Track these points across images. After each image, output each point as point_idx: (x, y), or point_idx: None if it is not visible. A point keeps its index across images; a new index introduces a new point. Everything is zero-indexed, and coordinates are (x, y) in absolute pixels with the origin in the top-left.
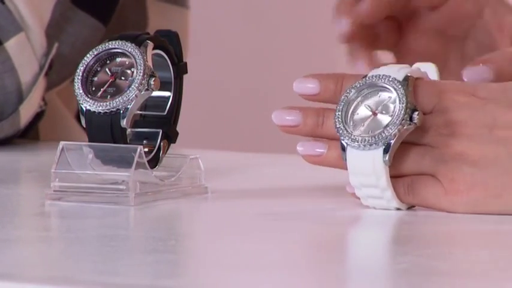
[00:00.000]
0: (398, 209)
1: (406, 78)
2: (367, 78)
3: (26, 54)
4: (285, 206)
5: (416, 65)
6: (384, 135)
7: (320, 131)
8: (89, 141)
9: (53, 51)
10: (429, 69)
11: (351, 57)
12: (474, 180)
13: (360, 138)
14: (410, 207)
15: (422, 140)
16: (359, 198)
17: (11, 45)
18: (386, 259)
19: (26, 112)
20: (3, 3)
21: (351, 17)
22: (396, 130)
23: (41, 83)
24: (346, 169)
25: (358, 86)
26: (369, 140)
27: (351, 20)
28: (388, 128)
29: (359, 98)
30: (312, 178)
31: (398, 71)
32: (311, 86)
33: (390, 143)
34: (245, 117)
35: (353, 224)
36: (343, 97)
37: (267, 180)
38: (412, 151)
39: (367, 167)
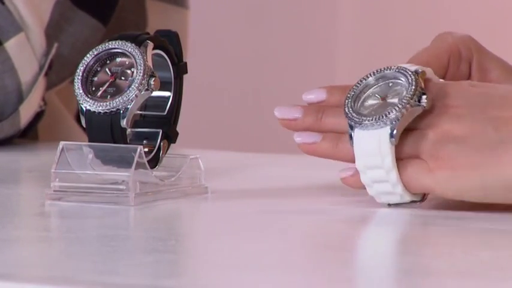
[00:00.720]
0: (401, 203)
1: (417, 71)
2: (380, 69)
3: (26, 54)
4: (285, 206)
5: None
6: (391, 114)
7: (318, 125)
8: (89, 141)
9: (53, 51)
10: None
11: None
12: (458, 154)
13: (368, 118)
14: (415, 201)
15: (416, 125)
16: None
17: (10, 45)
18: (387, 259)
19: (26, 112)
20: (3, 3)
21: None
22: (404, 109)
23: (41, 83)
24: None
25: (375, 73)
26: (376, 118)
27: None
28: (395, 107)
29: (371, 89)
30: (312, 178)
31: (410, 66)
32: (318, 95)
33: (397, 123)
34: (245, 117)
35: (353, 224)
36: (360, 81)
37: (267, 180)
38: (404, 136)
39: (373, 146)
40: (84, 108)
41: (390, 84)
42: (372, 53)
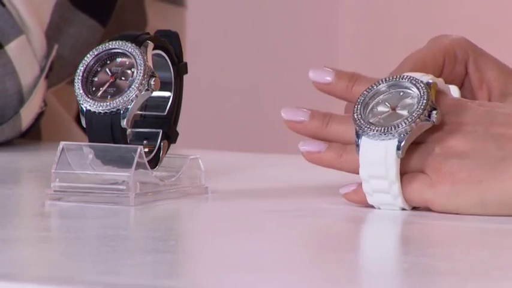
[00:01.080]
0: (403, 209)
1: (429, 83)
2: (392, 77)
3: (27, 56)
4: (285, 206)
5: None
6: (400, 127)
7: (322, 132)
8: (89, 141)
9: (53, 53)
10: (453, 91)
11: None
12: (460, 169)
13: (376, 128)
14: (415, 208)
15: (422, 138)
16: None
17: (11, 48)
18: (387, 259)
19: (27, 115)
20: (4, 5)
21: None
22: (413, 124)
23: (42, 85)
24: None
25: (387, 80)
26: (384, 129)
27: None
28: (405, 121)
29: (382, 96)
30: (312, 178)
31: (422, 76)
32: (326, 76)
33: (405, 136)
34: (245, 117)
35: (353, 224)
36: (370, 87)
37: (267, 180)
38: (410, 149)
39: (379, 156)
40: (84, 109)
41: (401, 94)
42: (373, 53)
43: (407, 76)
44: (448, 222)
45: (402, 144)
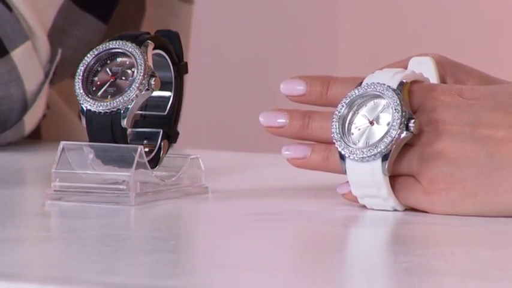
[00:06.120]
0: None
1: (401, 85)
2: (359, 88)
3: (32, 62)
4: (285, 206)
5: (414, 59)
6: (381, 146)
7: (305, 132)
8: (90, 141)
9: (58, 57)
10: (427, 63)
11: None
12: (453, 179)
13: (359, 151)
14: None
15: (409, 141)
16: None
17: (17, 54)
18: (387, 259)
19: (31, 120)
20: (11, 10)
21: None
22: (393, 141)
23: (46, 90)
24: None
25: (348, 100)
26: (367, 152)
27: None
28: (385, 139)
29: (353, 109)
30: (313, 178)
31: (393, 78)
32: (298, 88)
33: (388, 155)
34: (246, 117)
35: (353, 224)
36: (334, 114)
37: (267, 180)
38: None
39: (367, 179)
40: (84, 108)
41: (374, 102)
42: (373, 55)
43: (376, 84)
44: (448, 222)
45: (386, 165)
